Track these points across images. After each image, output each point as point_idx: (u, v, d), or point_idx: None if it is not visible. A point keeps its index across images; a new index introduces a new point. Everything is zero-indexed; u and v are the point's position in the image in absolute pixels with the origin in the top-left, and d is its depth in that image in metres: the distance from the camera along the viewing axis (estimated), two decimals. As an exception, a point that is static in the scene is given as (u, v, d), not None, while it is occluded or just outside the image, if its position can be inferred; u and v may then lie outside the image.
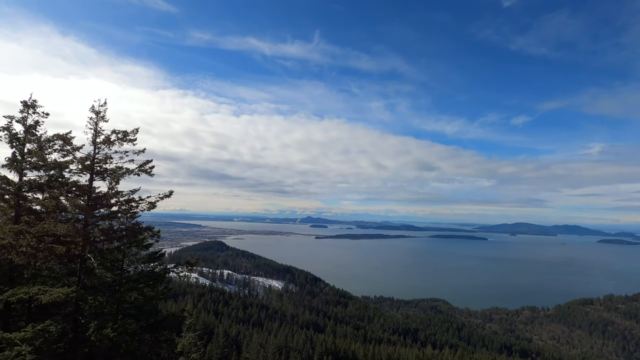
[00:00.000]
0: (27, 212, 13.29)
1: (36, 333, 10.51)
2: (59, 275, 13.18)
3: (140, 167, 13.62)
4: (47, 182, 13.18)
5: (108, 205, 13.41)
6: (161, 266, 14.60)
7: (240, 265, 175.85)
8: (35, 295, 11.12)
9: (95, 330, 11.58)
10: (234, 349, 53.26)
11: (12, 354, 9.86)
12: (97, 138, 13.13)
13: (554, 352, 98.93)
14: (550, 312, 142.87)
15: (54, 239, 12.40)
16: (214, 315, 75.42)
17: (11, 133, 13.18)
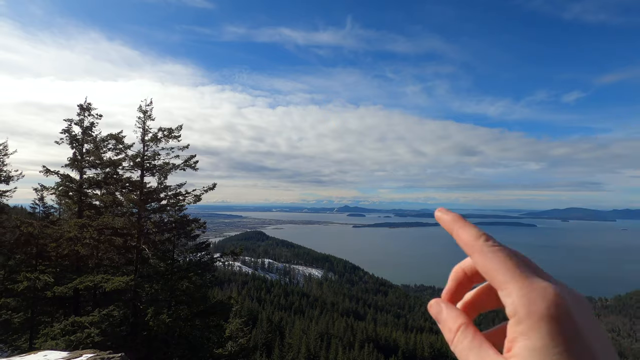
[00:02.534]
0: (88, 207, 14.49)
1: (102, 317, 11.53)
2: (118, 264, 14.30)
3: (186, 162, 14.28)
4: (104, 179, 14.25)
5: (158, 199, 14.23)
6: (208, 256, 15.34)
7: (280, 254, 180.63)
8: (99, 283, 12.16)
9: (153, 315, 12.47)
10: (278, 335, 55.16)
11: (82, 335, 10.92)
12: (145, 136, 13.90)
13: (614, 345, 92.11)
14: (609, 302, 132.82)
15: (112, 232, 13.41)
16: (257, 302, 78.41)
17: (71, 135, 14.34)
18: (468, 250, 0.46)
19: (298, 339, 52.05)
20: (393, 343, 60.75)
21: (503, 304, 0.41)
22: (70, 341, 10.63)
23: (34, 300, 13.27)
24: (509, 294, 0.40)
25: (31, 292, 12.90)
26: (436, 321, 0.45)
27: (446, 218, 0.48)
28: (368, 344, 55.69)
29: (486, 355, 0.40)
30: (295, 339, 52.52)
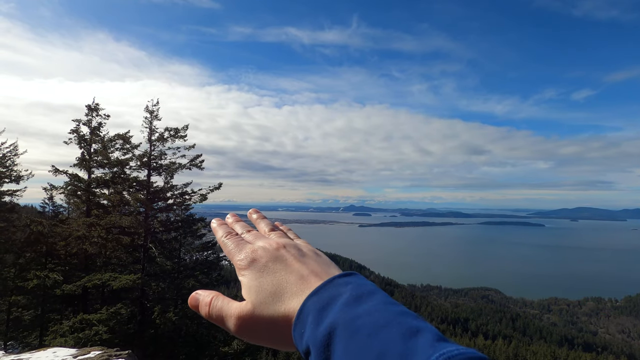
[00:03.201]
0: (96, 206, 14.65)
1: (110, 315, 11.66)
2: (125, 263, 14.45)
3: (192, 161, 14.38)
4: (112, 178, 14.40)
5: (165, 199, 14.36)
6: (214, 255, 15.44)
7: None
8: (107, 281, 12.31)
9: (160, 313, 12.59)
10: (284, 334, 55.35)
11: (91, 332, 11.06)
12: (152, 136, 14.03)
13: (624, 346, 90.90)
14: (618, 303, 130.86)
15: (120, 230, 13.55)
16: (263, 301, 78.66)
17: (79, 135, 14.52)
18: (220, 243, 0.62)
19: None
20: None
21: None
22: (78, 338, 10.78)
23: (44, 298, 13.47)
24: (235, 267, 0.60)
25: (41, 290, 13.10)
26: (195, 307, 0.59)
27: (214, 227, 0.63)
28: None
29: (230, 303, 0.58)
30: (301, 338, 52.65)
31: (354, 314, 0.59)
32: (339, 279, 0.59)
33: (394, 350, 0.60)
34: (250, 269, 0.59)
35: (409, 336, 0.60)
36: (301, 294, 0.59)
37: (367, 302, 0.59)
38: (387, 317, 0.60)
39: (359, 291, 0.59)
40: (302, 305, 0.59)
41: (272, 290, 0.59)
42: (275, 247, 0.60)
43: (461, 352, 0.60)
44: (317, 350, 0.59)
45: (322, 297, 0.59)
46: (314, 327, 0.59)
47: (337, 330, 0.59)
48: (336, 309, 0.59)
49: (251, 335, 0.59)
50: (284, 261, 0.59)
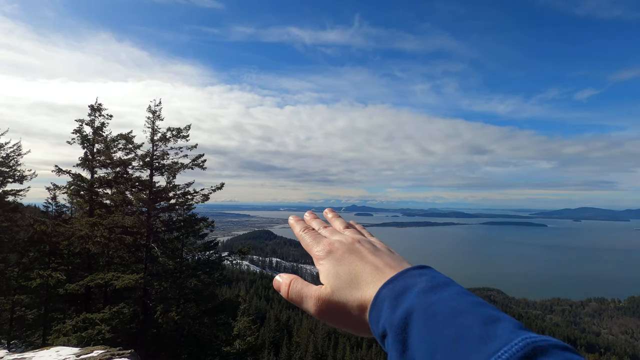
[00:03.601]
0: (99, 206, 14.71)
1: (112, 314, 11.71)
2: (128, 262, 14.50)
3: (194, 161, 14.41)
4: (114, 178, 14.45)
5: (167, 198, 14.40)
6: (216, 254, 15.47)
7: (288, 253, 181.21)
8: (110, 281, 12.35)
9: (162, 313, 12.63)
10: (285, 333, 55.38)
11: (94, 332, 11.10)
12: (154, 136, 14.07)
13: (627, 347, 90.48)
14: (622, 304, 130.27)
15: (122, 230, 13.60)
16: (265, 300, 78.80)
17: (82, 135, 14.59)
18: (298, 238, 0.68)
19: (306, 337, 52.20)
20: (401, 343, 60.44)
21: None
22: (81, 337, 10.82)
23: (47, 297, 13.54)
24: (313, 257, 0.64)
25: (44, 289, 13.17)
26: (277, 289, 0.64)
27: (291, 222, 0.71)
28: (376, 344, 55.54)
29: (308, 286, 0.61)
30: (302, 337, 52.68)
31: (430, 300, 0.61)
32: (413, 271, 0.61)
33: (472, 334, 0.60)
34: (328, 258, 0.61)
35: (489, 323, 0.60)
36: (376, 282, 0.61)
37: (443, 292, 0.60)
38: (464, 305, 0.60)
39: (434, 282, 0.60)
40: (377, 292, 0.61)
41: (348, 278, 0.61)
42: (351, 241, 0.63)
43: (544, 339, 0.60)
44: (394, 333, 0.61)
45: (397, 286, 0.61)
46: (391, 312, 0.61)
47: (414, 314, 0.60)
48: (412, 295, 0.60)
49: (328, 316, 0.61)
50: (359, 253, 0.61)
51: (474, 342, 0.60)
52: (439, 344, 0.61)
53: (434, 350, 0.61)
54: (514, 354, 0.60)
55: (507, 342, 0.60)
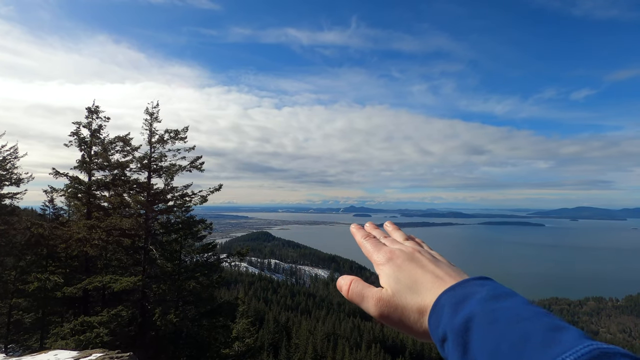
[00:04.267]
0: (96, 209, 14.66)
1: (111, 317, 11.66)
2: (126, 265, 14.45)
3: (192, 163, 14.38)
4: (112, 180, 14.41)
5: (165, 201, 14.36)
6: (214, 256, 15.42)
7: (287, 254, 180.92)
8: (108, 284, 12.31)
9: (160, 315, 12.58)
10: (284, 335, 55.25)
11: (92, 335, 11.05)
12: (152, 138, 14.04)
13: (625, 346, 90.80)
14: (619, 302, 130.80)
15: (120, 233, 13.56)
16: (264, 302, 78.63)
17: (79, 137, 14.54)
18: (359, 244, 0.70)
19: (305, 339, 52.10)
20: (400, 343, 60.51)
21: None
22: (79, 341, 10.77)
23: (45, 301, 13.47)
24: (374, 262, 0.64)
25: (42, 292, 13.10)
26: (340, 288, 0.65)
27: (353, 230, 0.74)
28: (375, 344, 55.54)
29: (369, 287, 0.63)
30: (302, 339, 52.57)
31: (493, 307, 0.61)
32: (475, 281, 0.62)
33: (536, 338, 0.61)
34: (389, 265, 0.63)
35: (554, 330, 0.61)
36: (436, 289, 0.62)
37: (505, 301, 0.61)
38: (528, 313, 0.61)
39: (496, 292, 0.61)
40: (438, 298, 0.62)
41: (408, 283, 0.63)
42: (411, 251, 0.64)
43: (612, 347, 0.60)
44: (455, 336, 0.62)
45: (458, 293, 0.62)
46: (451, 316, 0.61)
47: (476, 319, 0.61)
48: (473, 302, 0.61)
49: (387, 317, 0.63)
50: (419, 262, 0.63)
51: (538, 345, 0.61)
52: (502, 347, 0.61)
53: (495, 353, 0.61)
54: (580, 357, 0.61)
55: (573, 346, 0.61)
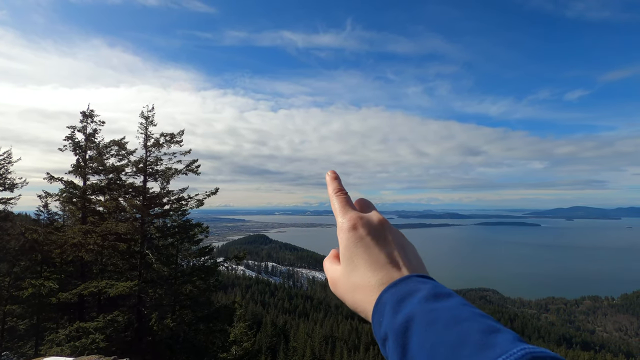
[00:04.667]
0: (92, 213, 14.55)
1: (106, 323, 11.56)
2: (122, 270, 14.34)
3: (188, 167, 14.34)
4: (107, 185, 14.32)
5: (161, 204, 14.29)
6: (211, 260, 15.36)
7: (284, 257, 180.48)
8: (104, 289, 12.20)
9: (157, 320, 12.48)
10: (282, 338, 55.03)
11: (87, 341, 10.94)
12: (147, 142, 13.98)
13: (621, 344, 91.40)
14: (615, 301, 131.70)
15: (116, 237, 13.47)
16: (261, 305, 78.34)
17: (74, 142, 14.44)
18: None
19: (303, 342, 51.91)
20: (398, 345, 60.37)
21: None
22: (75, 347, 10.65)
23: (39, 307, 13.31)
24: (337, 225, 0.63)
25: (36, 298, 12.95)
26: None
27: (327, 179, 0.69)
28: (373, 346, 55.46)
29: (333, 265, 0.63)
30: (299, 342, 52.37)
31: (432, 307, 0.61)
32: (417, 277, 0.62)
33: (472, 341, 0.61)
34: (350, 233, 0.62)
35: (489, 332, 0.61)
36: (381, 282, 0.62)
37: (445, 301, 0.61)
38: (466, 314, 0.62)
39: (436, 291, 0.62)
40: (380, 296, 0.61)
41: (358, 263, 0.62)
42: (379, 223, 0.62)
43: (542, 350, 0.62)
44: (395, 336, 0.61)
45: (400, 290, 0.61)
46: (392, 316, 0.61)
47: (416, 319, 0.61)
48: (414, 301, 0.61)
49: (341, 296, 0.62)
50: (383, 238, 0.62)
51: (474, 348, 0.61)
52: (438, 349, 0.62)
53: (433, 355, 0.62)
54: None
55: (506, 350, 0.62)
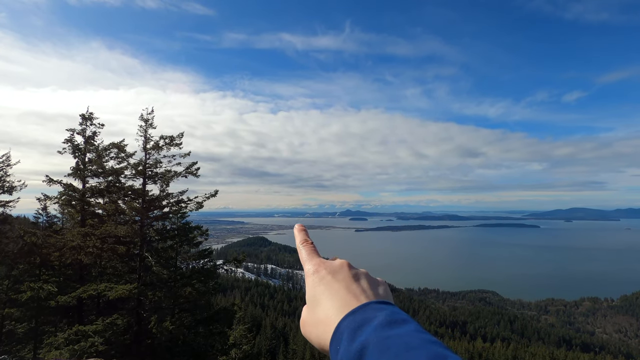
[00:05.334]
0: (91, 216, 14.53)
1: (105, 326, 11.51)
2: (121, 272, 14.30)
3: (187, 169, 14.33)
4: (107, 187, 14.30)
5: (160, 207, 14.27)
6: (211, 262, 15.33)
7: (283, 259, 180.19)
8: (103, 292, 12.16)
9: (156, 323, 12.44)
10: (282, 341, 54.87)
11: (86, 344, 10.89)
12: (147, 144, 13.98)
13: (621, 346, 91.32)
14: (615, 302, 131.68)
15: (115, 240, 13.44)
16: (260, 308, 78.12)
17: (73, 144, 14.44)
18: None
19: (302, 345, 51.74)
20: (398, 347, 60.17)
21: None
22: (74, 350, 10.61)
23: (38, 310, 13.27)
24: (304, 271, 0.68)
25: (35, 301, 12.91)
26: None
27: (295, 232, 0.73)
28: (373, 348, 55.27)
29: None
30: (299, 345, 52.21)
31: (386, 334, 0.66)
32: (374, 305, 0.66)
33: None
34: (313, 277, 0.68)
35: (437, 359, 0.66)
36: (340, 312, 0.67)
37: (399, 328, 0.66)
38: (417, 342, 0.66)
39: (392, 317, 0.66)
40: (338, 324, 0.66)
41: (320, 300, 0.67)
42: (339, 264, 0.68)
43: None
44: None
45: (357, 319, 0.66)
46: (348, 344, 0.65)
47: (369, 348, 0.65)
48: (370, 329, 0.65)
49: (307, 335, 0.68)
50: (342, 275, 0.67)
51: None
52: None
53: None
54: None
55: None
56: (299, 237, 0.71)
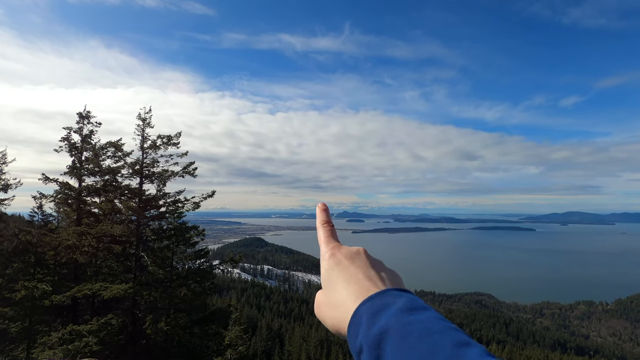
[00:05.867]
0: (87, 215, 14.45)
1: (100, 326, 11.45)
2: (117, 272, 14.24)
3: (184, 169, 14.30)
4: (103, 186, 14.24)
5: (157, 207, 14.22)
6: (207, 263, 15.29)
7: (280, 260, 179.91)
8: (98, 291, 12.10)
9: (151, 323, 12.38)
10: (277, 342, 54.74)
11: (81, 344, 10.83)
12: (144, 144, 13.93)
13: (615, 349, 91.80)
14: (609, 306, 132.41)
15: (111, 239, 13.37)
16: (256, 309, 77.90)
17: (70, 143, 14.37)
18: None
19: (298, 346, 51.66)
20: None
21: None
22: (68, 350, 10.54)
23: (32, 309, 13.17)
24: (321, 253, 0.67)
25: (29, 300, 12.81)
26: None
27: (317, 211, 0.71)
28: (368, 350, 55.26)
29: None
30: (295, 346, 52.11)
31: (407, 320, 0.65)
32: (393, 291, 0.66)
33: (443, 354, 0.65)
34: (329, 260, 0.67)
35: (459, 345, 0.65)
36: (358, 297, 0.66)
37: (419, 314, 0.65)
38: (438, 327, 0.65)
39: (412, 304, 0.66)
40: (357, 309, 0.65)
41: (336, 284, 0.66)
42: (356, 250, 0.67)
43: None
44: (369, 349, 0.65)
45: (376, 303, 0.65)
46: (367, 328, 0.65)
47: (390, 332, 0.65)
48: (390, 313, 0.65)
49: (322, 318, 0.67)
50: (359, 260, 0.66)
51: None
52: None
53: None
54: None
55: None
56: (320, 218, 0.70)
